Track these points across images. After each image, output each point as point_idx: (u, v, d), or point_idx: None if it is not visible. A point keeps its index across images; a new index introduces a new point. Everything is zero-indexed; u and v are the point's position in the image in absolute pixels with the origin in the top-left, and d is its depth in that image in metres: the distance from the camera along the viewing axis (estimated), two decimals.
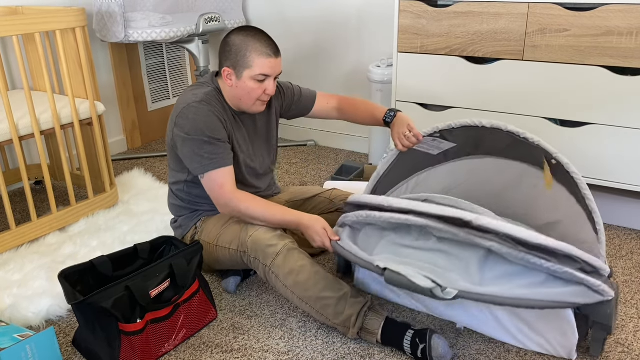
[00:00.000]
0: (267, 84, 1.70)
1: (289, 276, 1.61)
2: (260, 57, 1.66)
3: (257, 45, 1.66)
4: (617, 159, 2.08)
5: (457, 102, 2.34)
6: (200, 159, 1.67)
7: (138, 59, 3.25)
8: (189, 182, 1.82)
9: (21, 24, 1.93)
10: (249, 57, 1.66)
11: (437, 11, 2.24)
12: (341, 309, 1.57)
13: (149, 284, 1.49)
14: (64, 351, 1.60)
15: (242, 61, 1.67)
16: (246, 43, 1.66)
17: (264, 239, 1.65)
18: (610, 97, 2.02)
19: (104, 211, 2.36)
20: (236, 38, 1.67)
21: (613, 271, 1.73)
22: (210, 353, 1.58)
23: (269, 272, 1.64)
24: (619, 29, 1.93)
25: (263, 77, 1.68)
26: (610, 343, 1.59)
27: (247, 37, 1.67)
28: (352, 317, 1.56)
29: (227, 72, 1.70)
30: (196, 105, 1.68)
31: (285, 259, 1.62)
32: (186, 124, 1.67)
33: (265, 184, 1.97)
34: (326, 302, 1.58)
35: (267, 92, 1.72)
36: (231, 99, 1.76)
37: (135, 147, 3.35)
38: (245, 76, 1.68)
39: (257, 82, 1.69)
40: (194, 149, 1.67)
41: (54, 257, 2.02)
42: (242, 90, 1.71)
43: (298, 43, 3.21)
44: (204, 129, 1.66)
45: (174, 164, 1.83)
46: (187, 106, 1.69)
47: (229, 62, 1.69)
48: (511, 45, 2.14)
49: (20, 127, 2.02)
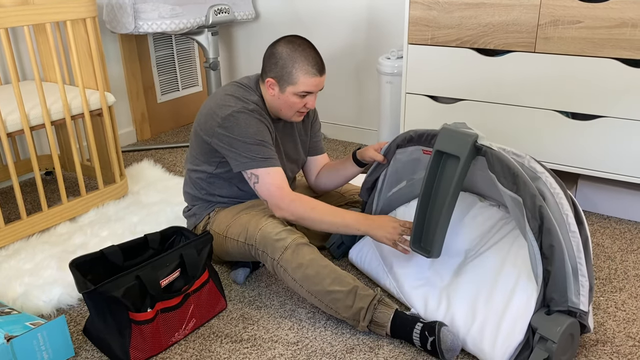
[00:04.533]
0: (309, 99, 1.72)
1: (297, 270, 1.61)
2: (305, 76, 1.66)
3: (304, 63, 1.65)
4: (628, 152, 2.06)
5: (468, 94, 2.32)
6: (250, 158, 1.67)
7: (147, 51, 3.26)
8: (213, 176, 1.81)
9: (32, 14, 1.94)
10: (294, 74, 1.66)
11: (448, 2, 2.22)
12: (350, 302, 1.57)
13: (159, 274, 1.50)
14: (75, 339, 1.61)
15: (287, 76, 1.67)
16: (293, 59, 1.65)
17: (272, 232, 1.65)
18: (622, 89, 2.00)
19: (114, 202, 2.37)
20: (283, 50, 1.67)
21: None
22: (220, 343, 1.59)
23: (278, 266, 1.64)
24: (632, 20, 1.91)
25: (305, 94, 1.69)
26: (621, 337, 1.58)
27: (294, 52, 1.66)
28: (362, 311, 1.56)
29: (270, 83, 1.70)
30: (248, 113, 1.68)
31: (294, 253, 1.61)
32: (235, 128, 1.66)
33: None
34: (335, 296, 1.58)
35: (308, 105, 1.73)
36: (271, 108, 1.77)
37: (144, 138, 3.36)
38: (289, 91, 1.68)
39: (299, 97, 1.70)
40: (244, 148, 1.67)
41: (65, 247, 2.03)
42: (284, 102, 1.71)
43: (307, 35, 3.20)
44: (256, 134, 1.67)
45: (201, 155, 1.81)
46: (237, 111, 1.68)
47: (273, 74, 1.69)
48: (523, 37, 2.12)
49: (31, 117, 2.03)
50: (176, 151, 3.14)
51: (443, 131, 1.54)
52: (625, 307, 1.72)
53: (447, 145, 1.52)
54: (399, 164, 1.78)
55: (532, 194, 1.38)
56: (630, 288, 1.81)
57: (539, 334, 1.38)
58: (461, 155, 1.47)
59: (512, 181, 1.41)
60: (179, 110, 3.57)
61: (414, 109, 2.47)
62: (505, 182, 1.43)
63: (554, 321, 1.38)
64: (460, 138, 1.49)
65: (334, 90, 3.23)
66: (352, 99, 3.19)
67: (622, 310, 1.70)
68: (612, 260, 1.97)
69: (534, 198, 1.38)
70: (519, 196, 1.41)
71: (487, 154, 1.46)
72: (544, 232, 1.38)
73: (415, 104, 2.46)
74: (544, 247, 1.39)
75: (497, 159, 1.44)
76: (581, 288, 1.39)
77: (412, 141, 1.70)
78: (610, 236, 2.13)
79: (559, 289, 1.39)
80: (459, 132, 1.50)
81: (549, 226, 1.37)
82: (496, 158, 1.44)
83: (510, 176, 1.42)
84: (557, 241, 1.37)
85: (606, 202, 2.28)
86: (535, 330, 1.40)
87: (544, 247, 1.39)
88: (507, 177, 1.42)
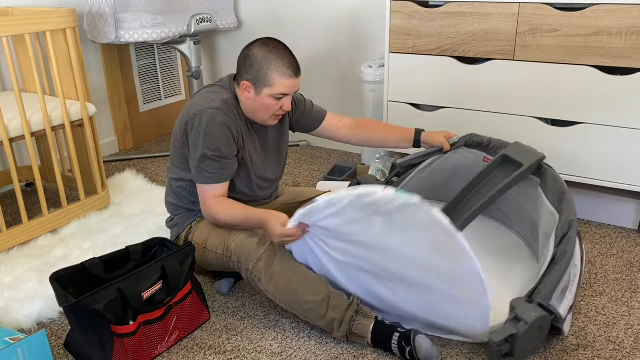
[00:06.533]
0: (285, 101, 1.71)
1: (270, 281, 1.61)
2: (281, 78, 1.65)
3: (280, 65, 1.65)
4: (607, 157, 2.09)
5: (449, 102, 2.34)
6: (201, 171, 1.70)
7: (129, 60, 3.24)
8: (194, 184, 1.80)
9: (11, 25, 1.92)
10: (270, 76, 1.65)
11: (429, 11, 2.25)
12: (323, 312, 1.57)
13: (141, 286, 1.48)
14: (56, 354, 1.59)
15: (262, 79, 1.66)
16: (268, 60, 1.64)
17: (246, 243, 1.66)
18: (600, 96, 2.03)
19: (95, 213, 2.35)
20: (258, 53, 1.66)
21: None
22: (204, 355, 1.58)
23: (252, 276, 1.64)
24: (608, 29, 1.94)
25: (282, 96, 1.69)
26: (601, 341, 1.60)
27: (269, 54, 1.65)
28: (334, 321, 1.57)
29: (246, 86, 1.69)
30: (213, 112, 1.67)
31: (267, 263, 1.62)
32: (199, 131, 1.67)
33: (270, 192, 1.98)
34: (308, 306, 1.58)
35: (284, 108, 1.72)
36: (247, 110, 1.75)
37: (127, 148, 3.34)
38: (265, 93, 1.68)
39: (275, 99, 1.69)
40: (199, 160, 1.69)
41: (46, 260, 2.00)
42: (260, 105, 1.71)
43: (290, 44, 3.20)
44: (214, 142, 1.66)
45: (180, 163, 1.81)
46: (203, 110, 1.67)
47: (248, 76, 1.68)
48: (502, 45, 2.15)
49: (10, 128, 2.00)
50: (159, 161, 3.12)
51: (515, 144, 1.87)
52: (606, 311, 1.74)
53: (515, 154, 1.82)
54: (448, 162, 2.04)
55: (570, 209, 1.67)
56: (610, 292, 1.83)
57: (514, 313, 1.48)
58: (525, 163, 1.76)
59: (558, 198, 1.70)
60: (162, 119, 3.55)
61: (397, 116, 2.48)
62: (551, 197, 1.72)
63: (532, 308, 1.48)
64: (530, 152, 1.82)
65: (317, 98, 3.23)
66: (335, 107, 3.20)
67: (603, 315, 1.72)
68: (592, 265, 1.99)
69: (570, 213, 1.66)
70: (557, 212, 1.68)
71: (546, 172, 1.79)
72: (565, 240, 1.60)
73: (397, 112, 2.48)
74: (559, 253, 1.58)
75: (552, 177, 1.77)
76: (564, 301, 1.53)
77: (479, 146, 1.98)
78: (591, 241, 2.16)
79: (549, 286, 1.52)
80: (530, 149, 1.84)
81: (571, 236, 1.61)
82: (552, 176, 1.77)
83: (558, 192, 1.72)
84: (570, 249, 1.58)
85: (586, 207, 2.32)
86: (513, 309, 1.50)
87: (558, 253, 1.58)
88: (555, 193, 1.72)
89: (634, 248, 2.10)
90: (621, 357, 1.54)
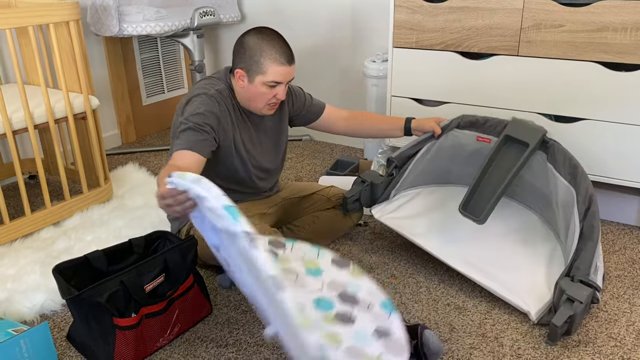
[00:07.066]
0: (278, 89, 1.71)
1: None
2: (274, 65, 1.65)
3: (272, 52, 1.65)
4: (610, 154, 2.09)
5: (452, 97, 2.34)
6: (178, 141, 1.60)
7: (132, 53, 3.24)
8: None
9: (15, 17, 1.92)
10: (262, 63, 1.65)
11: (433, 6, 2.24)
12: None
13: (143, 279, 1.49)
14: (58, 346, 1.60)
15: (255, 66, 1.66)
16: (261, 48, 1.65)
17: None
18: (604, 92, 2.03)
19: (98, 206, 2.36)
20: (251, 40, 1.66)
21: None
22: (205, 347, 1.59)
23: None
24: (613, 24, 1.93)
25: (275, 84, 1.69)
26: (603, 337, 1.60)
27: (262, 42, 1.65)
28: None
29: (240, 74, 1.70)
30: (205, 98, 1.68)
31: None
32: (185, 109, 1.67)
33: (270, 184, 1.97)
34: None
35: (278, 96, 1.72)
36: (242, 99, 1.76)
37: (129, 141, 3.34)
38: (258, 81, 1.68)
39: (268, 87, 1.69)
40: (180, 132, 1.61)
41: (48, 252, 2.01)
42: (253, 93, 1.71)
43: (293, 38, 3.20)
44: (199, 116, 1.62)
45: None
46: (196, 96, 1.69)
47: (242, 64, 1.68)
48: (506, 40, 2.14)
49: (13, 121, 2.01)
50: (161, 154, 3.12)
51: (514, 121, 1.84)
52: (607, 307, 1.74)
53: (517, 132, 1.80)
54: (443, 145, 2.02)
55: (587, 183, 1.66)
56: (612, 289, 1.83)
57: (566, 295, 1.54)
58: (531, 142, 1.74)
59: (570, 172, 1.69)
60: (165, 112, 3.55)
61: (400, 111, 2.48)
62: (563, 172, 1.71)
63: (580, 287, 1.56)
64: (532, 129, 1.80)
65: (319, 92, 3.23)
66: (337, 102, 3.19)
67: (604, 311, 1.72)
68: None
69: (587, 187, 1.65)
70: (572, 186, 1.68)
71: (552, 147, 1.77)
72: (589, 214, 1.64)
73: (400, 107, 2.47)
74: (585, 227, 1.63)
75: (560, 152, 1.75)
76: (599, 273, 1.65)
77: (472, 126, 1.96)
78: None
79: (586, 261, 1.60)
80: (530, 124, 1.81)
81: (594, 209, 1.63)
82: (560, 151, 1.75)
83: (570, 167, 1.71)
84: (597, 222, 1.63)
85: None
86: (563, 292, 1.56)
87: (585, 227, 1.63)
88: (566, 167, 1.71)
89: (636, 245, 2.09)
90: (622, 353, 1.54)
